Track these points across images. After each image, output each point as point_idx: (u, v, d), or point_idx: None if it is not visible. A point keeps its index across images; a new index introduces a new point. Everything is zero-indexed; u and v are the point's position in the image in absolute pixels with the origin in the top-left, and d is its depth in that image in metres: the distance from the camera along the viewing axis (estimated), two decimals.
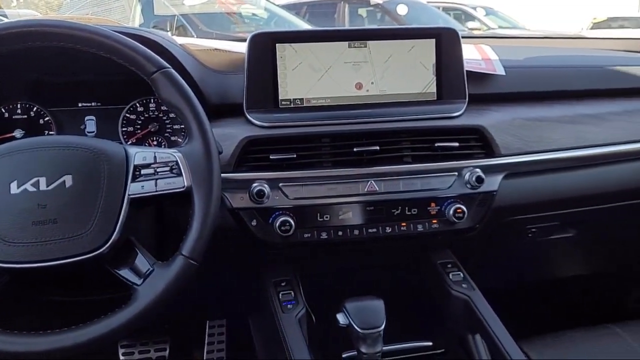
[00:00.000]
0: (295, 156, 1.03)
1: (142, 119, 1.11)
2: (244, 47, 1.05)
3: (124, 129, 1.11)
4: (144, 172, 0.80)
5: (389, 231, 1.07)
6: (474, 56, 1.22)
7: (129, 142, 1.11)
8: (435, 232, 1.08)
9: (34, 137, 0.87)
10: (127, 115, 1.11)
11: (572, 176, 1.19)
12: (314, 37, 1.07)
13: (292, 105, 1.06)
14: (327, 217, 1.04)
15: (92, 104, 1.11)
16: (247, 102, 1.05)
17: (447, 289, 1.12)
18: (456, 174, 1.08)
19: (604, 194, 1.22)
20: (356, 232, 1.05)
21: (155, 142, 1.12)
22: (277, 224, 1.00)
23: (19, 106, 1.08)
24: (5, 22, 0.84)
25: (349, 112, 1.07)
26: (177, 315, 1.43)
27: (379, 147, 1.05)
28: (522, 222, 1.23)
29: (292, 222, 1.01)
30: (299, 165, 1.03)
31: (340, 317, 0.96)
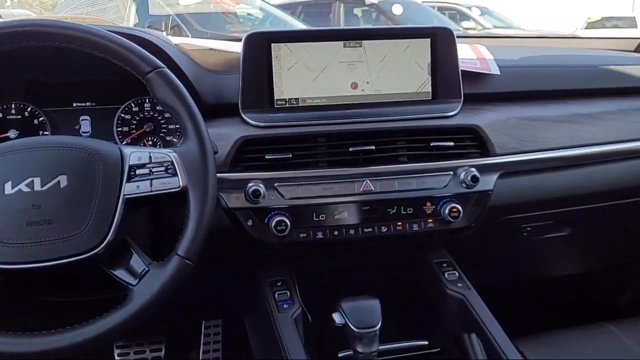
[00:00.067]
0: (290, 156, 1.03)
1: (137, 119, 1.11)
2: (239, 47, 1.05)
3: (119, 129, 1.11)
4: (139, 172, 0.80)
5: (385, 231, 1.07)
6: (469, 56, 1.22)
7: (124, 142, 1.10)
8: (430, 232, 1.08)
9: (28, 137, 0.87)
10: (122, 115, 1.11)
11: (567, 175, 1.19)
12: (309, 36, 1.07)
13: (287, 105, 1.06)
14: (322, 217, 1.04)
15: (87, 104, 1.10)
16: (242, 102, 1.04)
17: (442, 288, 1.13)
18: (451, 173, 1.08)
19: (599, 193, 1.23)
20: (352, 231, 1.05)
21: (150, 142, 1.12)
22: (273, 224, 1.00)
23: (13, 106, 1.07)
24: None
25: (345, 112, 1.07)
26: (172, 315, 1.43)
27: (374, 147, 1.05)
28: (517, 222, 1.23)
29: (288, 222, 1.01)
30: (295, 165, 1.03)
31: (336, 316, 0.96)
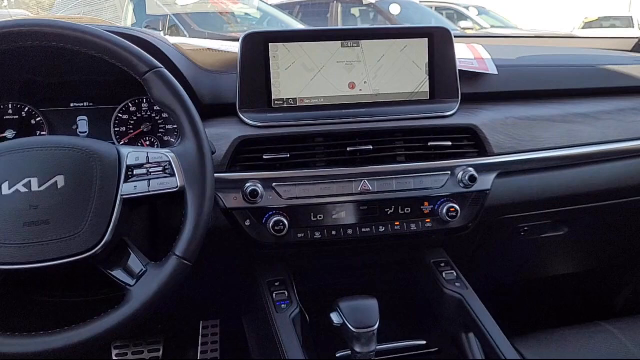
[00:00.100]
0: (288, 156, 1.03)
1: (135, 119, 1.11)
2: (236, 47, 1.05)
3: (117, 129, 1.10)
4: (136, 172, 0.80)
5: (383, 230, 1.07)
6: (467, 55, 1.22)
7: (121, 143, 1.10)
8: (428, 231, 1.08)
9: (26, 137, 0.86)
10: (120, 115, 1.11)
11: (564, 175, 1.19)
12: (306, 36, 1.07)
13: (285, 105, 1.06)
14: (320, 217, 1.04)
15: (84, 104, 1.10)
16: (240, 102, 1.04)
17: (440, 287, 1.13)
18: (449, 173, 1.08)
19: (596, 192, 1.23)
20: (350, 231, 1.05)
21: (148, 142, 1.12)
22: (271, 224, 1.00)
23: (11, 106, 1.07)
24: None
25: (342, 112, 1.07)
26: (170, 315, 1.43)
27: (372, 147, 1.05)
28: (515, 221, 1.23)
29: (286, 222, 1.00)
30: (293, 165, 1.03)
31: (334, 316, 0.96)
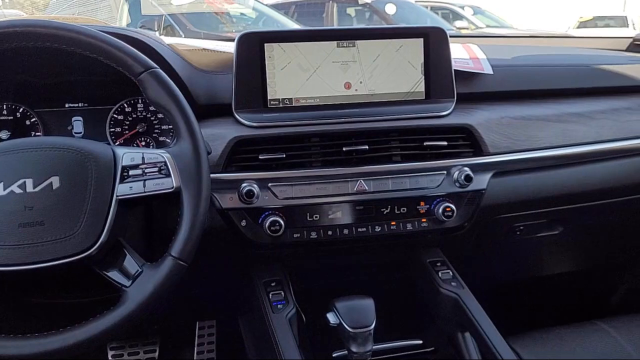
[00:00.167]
0: (284, 156, 1.02)
1: (130, 119, 1.11)
2: (232, 47, 1.05)
3: (112, 130, 1.10)
4: (132, 173, 0.80)
5: (379, 230, 1.07)
6: (462, 55, 1.22)
7: (116, 143, 1.10)
8: (424, 231, 1.09)
9: (20, 138, 0.86)
10: (115, 115, 1.10)
11: (560, 174, 1.20)
12: (302, 36, 1.07)
13: (280, 105, 1.06)
14: (316, 217, 1.04)
15: (79, 105, 1.10)
16: (235, 102, 1.04)
17: (436, 287, 1.13)
18: (445, 172, 1.08)
19: (591, 191, 1.23)
20: (346, 231, 1.06)
21: (143, 143, 1.11)
22: (267, 224, 1.00)
23: (5, 107, 1.06)
24: None
25: (338, 112, 1.07)
26: (166, 315, 1.42)
27: (368, 147, 1.05)
28: (510, 220, 1.23)
29: (282, 222, 1.00)
30: (288, 165, 1.03)
31: (330, 316, 0.96)
